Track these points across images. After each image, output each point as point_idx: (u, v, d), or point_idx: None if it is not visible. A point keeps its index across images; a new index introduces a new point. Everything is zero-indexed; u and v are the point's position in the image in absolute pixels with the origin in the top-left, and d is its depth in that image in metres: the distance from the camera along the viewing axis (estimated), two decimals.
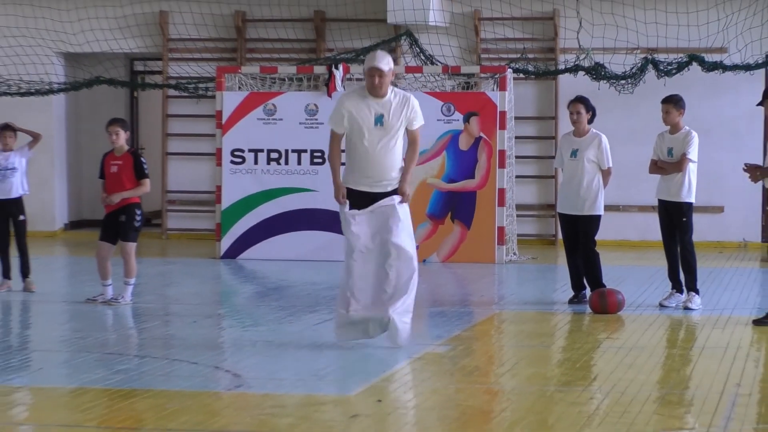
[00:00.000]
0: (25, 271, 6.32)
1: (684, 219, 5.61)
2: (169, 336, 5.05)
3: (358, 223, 3.78)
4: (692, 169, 5.59)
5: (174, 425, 2.68)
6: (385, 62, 3.78)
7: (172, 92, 10.61)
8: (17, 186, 6.38)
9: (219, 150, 8.78)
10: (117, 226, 5.67)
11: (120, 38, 10.47)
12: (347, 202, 3.80)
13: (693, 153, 5.55)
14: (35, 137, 6.59)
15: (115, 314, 5.64)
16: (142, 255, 7.65)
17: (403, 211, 3.84)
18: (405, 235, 3.83)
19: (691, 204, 5.68)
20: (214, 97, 9.29)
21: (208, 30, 10.55)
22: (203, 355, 4.14)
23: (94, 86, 10.48)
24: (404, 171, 3.85)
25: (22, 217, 6.42)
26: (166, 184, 10.67)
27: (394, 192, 3.82)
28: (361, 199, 3.81)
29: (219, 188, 8.80)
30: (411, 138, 3.92)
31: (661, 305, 5.74)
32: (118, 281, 5.82)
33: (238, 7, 10.34)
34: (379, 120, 3.74)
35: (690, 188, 5.61)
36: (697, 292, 5.64)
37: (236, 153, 8.73)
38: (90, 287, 6.31)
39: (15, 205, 6.38)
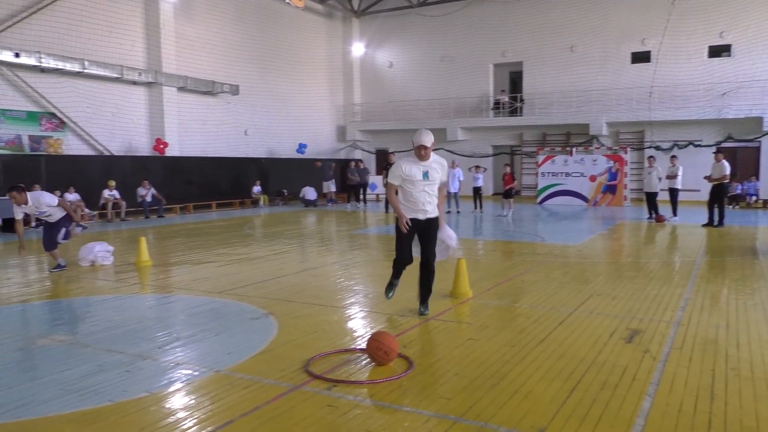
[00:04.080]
0: None
1: None
2: None
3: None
4: None
5: None
6: (429, 140, 5.61)
7: None
8: None
9: None
10: None
11: None
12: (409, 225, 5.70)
13: None
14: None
15: None
16: None
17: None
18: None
19: None
20: None
21: None
22: None
23: None
24: (438, 205, 5.84)
25: None
26: None
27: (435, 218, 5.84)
28: (412, 221, 5.74)
29: None
30: (440, 186, 5.83)
31: None
32: None
33: None
34: (426, 175, 5.66)
35: None
36: None
37: None
38: None
39: None
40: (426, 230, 5.75)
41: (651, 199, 16.14)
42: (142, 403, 3.80)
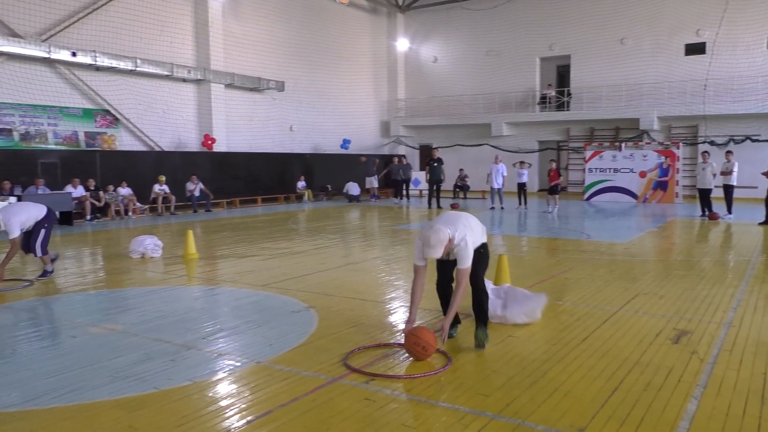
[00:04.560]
0: None
1: None
2: None
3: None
4: None
5: None
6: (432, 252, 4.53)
7: None
8: None
9: None
10: None
11: None
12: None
13: None
14: None
15: None
16: None
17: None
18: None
19: None
20: None
21: None
22: None
23: None
24: (449, 309, 4.67)
25: None
26: None
27: None
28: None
29: None
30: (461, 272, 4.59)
31: None
32: None
33: None
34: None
35: None
36: None
37: None
38: None
39: None
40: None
41: (704, 196, 15.58)
42: (186, 391, 3.91)
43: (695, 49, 23.38)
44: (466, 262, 4.51)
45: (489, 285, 5.48)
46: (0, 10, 15.98)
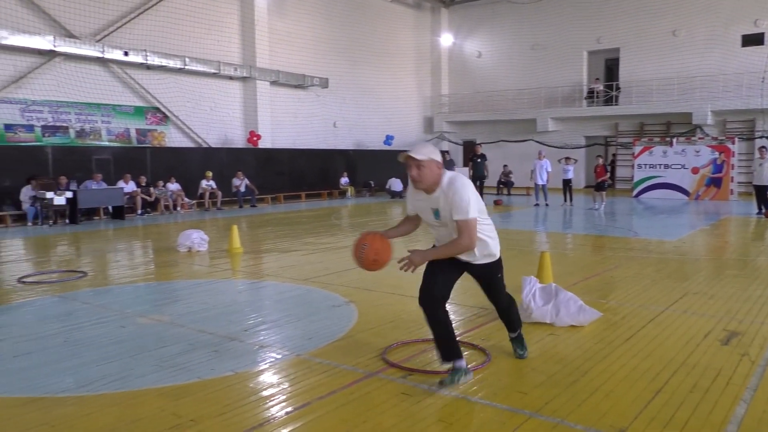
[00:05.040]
0: None
1: None
2: None
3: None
4: None
5: None
6: (420, 152, 3.66)
7: None
8: None
9: None
10: None
11: None
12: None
13: None
14: None
15: None
16: None
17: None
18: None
19: None
20: None
21: None
22: None
23: None
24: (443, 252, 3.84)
25: None
26: None
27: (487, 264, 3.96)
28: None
29: None
30: (460, 227, 3.68)
31: None
32: None
33: None
34: (437, 215, 3.82)
35: None
36: None
37: None
38: None
39: None
40: (481, 278, 4.05)
41: (761, 192, 14.95)
42: (228, 381, 4.01)
43: (753, 39, 22.42)
44: (466, 212, 3.57)
45: (536, 284, 5.38)
46: (57, 11, 16.64)
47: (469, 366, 3.98)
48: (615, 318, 5.44)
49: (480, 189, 19.22)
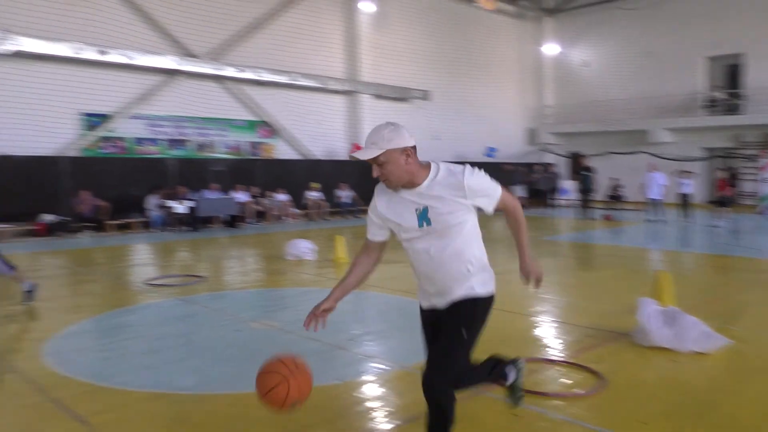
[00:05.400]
0: None
1: None
2: None
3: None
4: None
5: None
6: (374, 139, 2.91)
7: None
8: None
9: None
10: None
11: None
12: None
13: None
14: None
15: None
16: None
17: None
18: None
19: None
20: None
21: None
22: None
23: None
24: (520, 240, 3.19)
25: None
26: None
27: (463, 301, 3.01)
28: (426, 313, 3.23)
29: None
30: (508, 208, 3.18)
31: None
32: None
33: None
34: (424, 217, 2.95)
35: None
36: None
37: None
38: None
39: None
40: (445, 322, 3.02)
41: None
42: (335, 390, 4.08)
43: None
44: (494, 186, 2.98)
45: (653, 307, 5.05)
46: (180, 33, 17.95)
47: (582, 391, 3.80)
48: (745, 347, 5.00)
49: (587, 203, 18.46)
